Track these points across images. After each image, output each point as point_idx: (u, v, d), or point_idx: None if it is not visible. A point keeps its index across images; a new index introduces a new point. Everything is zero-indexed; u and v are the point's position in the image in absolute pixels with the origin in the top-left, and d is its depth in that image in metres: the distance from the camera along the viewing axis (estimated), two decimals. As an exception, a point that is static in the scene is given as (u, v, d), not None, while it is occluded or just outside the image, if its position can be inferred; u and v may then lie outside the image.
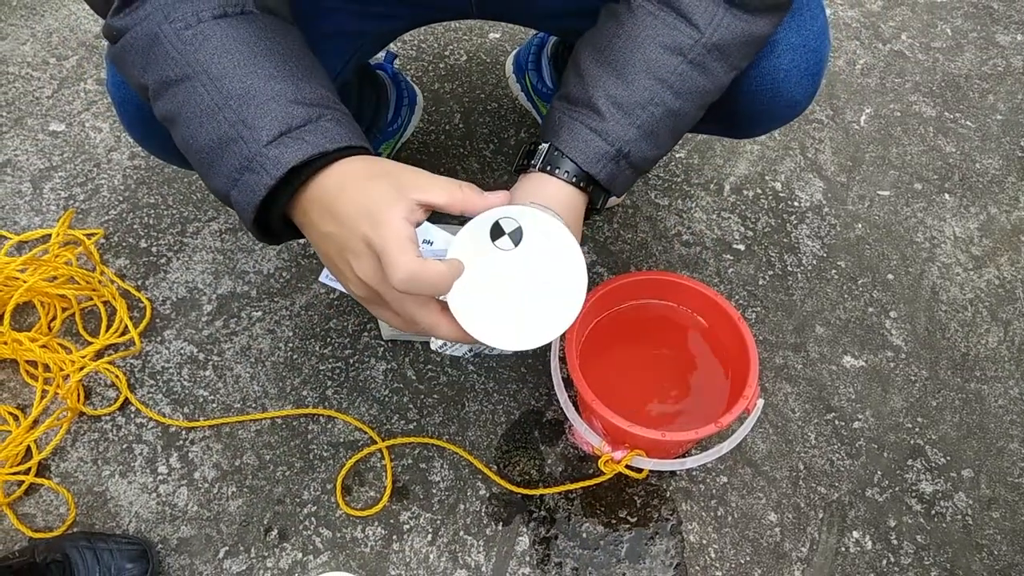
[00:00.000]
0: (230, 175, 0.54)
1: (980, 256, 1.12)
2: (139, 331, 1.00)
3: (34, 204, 1.12)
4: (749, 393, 0.80)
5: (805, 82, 0.73)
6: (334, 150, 0.54)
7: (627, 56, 0.62)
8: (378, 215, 0.51)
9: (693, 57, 0.62)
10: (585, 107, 0.63)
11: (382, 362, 0.99)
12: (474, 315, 0.55)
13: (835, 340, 1.04)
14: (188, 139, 0.56)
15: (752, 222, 1.14)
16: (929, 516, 0.91)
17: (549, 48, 1.13)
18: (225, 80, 0.54)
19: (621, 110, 0.62)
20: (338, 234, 0.53)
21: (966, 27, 1.41)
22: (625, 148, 0.63)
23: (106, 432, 0.94)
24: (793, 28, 0.70)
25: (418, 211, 0.53)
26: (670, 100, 0.63)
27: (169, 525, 0.88)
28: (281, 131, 0.53)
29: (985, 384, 1.01)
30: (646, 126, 0.63)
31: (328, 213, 0.53)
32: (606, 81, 0.62)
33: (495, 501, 0.90)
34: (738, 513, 0.91)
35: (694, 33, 0.62)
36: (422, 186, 0.53)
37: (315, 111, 0.55)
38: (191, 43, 0.54)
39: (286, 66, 0.56)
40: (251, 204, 0.54)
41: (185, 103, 0.55)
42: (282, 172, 0.52)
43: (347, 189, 0.53)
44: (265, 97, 0.54)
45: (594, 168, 0.63)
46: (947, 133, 1.26)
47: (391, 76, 1.12)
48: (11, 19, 1.33)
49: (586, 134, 0.62)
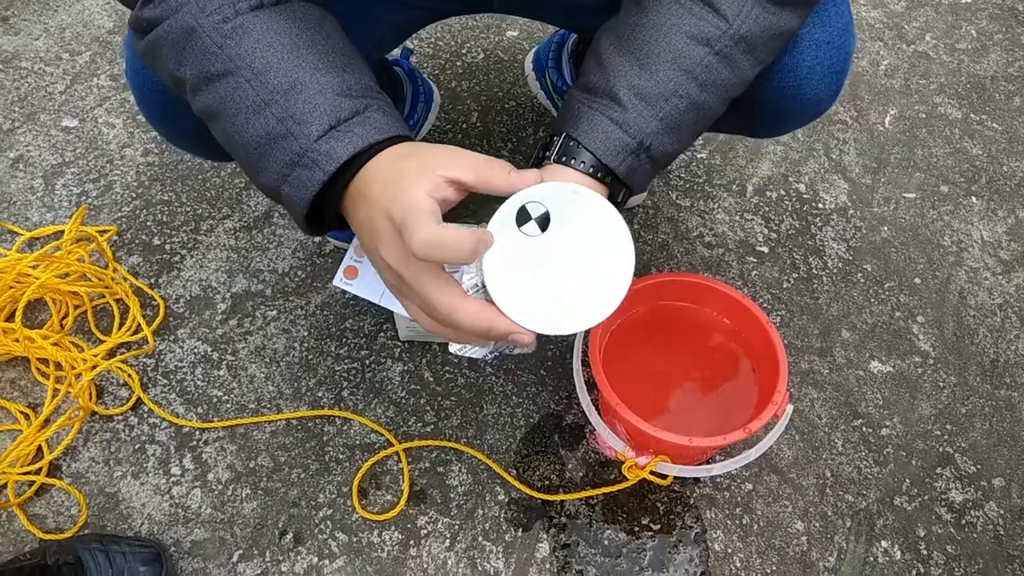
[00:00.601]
0: (280, 171, 0.53)
1: (1009, 260, 1.10)
2: (152, 329, 0.98)
3: (46, 200, 1.10)
4: (779, 398, 0.78)
5: (829, 79, 0.71)
6: (383, 140, 0.53)
7: (651, 45, 0.60)
8: (400, 191, 0.50)
9: (720, 48, 0.60)
10: (606, 97, 0.60)
11: (399, 363, 0.97)
12: (509, 294, 0.53)
13: (861, 345, 1.01)
14: (233, 134, 0.55)
15: (776, 224, 1.12)
16: (959, 526, 0.89)
17: (570, 46, 1.11)
18: (270, 74, 0.53)
19: (644, 101, 0.59)
20: (367, 218, 0.52)
21: (991, 28, 1.39)
22: (647, 141, 0.60)
23: (118, 432, 0.92)
24: (817, 24, 0.68)
25: (445, 187, 0.50)
26: (695, 92, 0.60)
27: (182, 527, 0.86)
28: (331, 125, 0.52)
29: (1015, 391, 0.99)
30: (669, 119, 0.60)
31: (363, 198, 0.52)
32: (629, 71, 0.60)
33: (514, 506, 0.88)
34: (764, 521, 0.88)
35: (722, 24, 0.60)
36: (449, 162, 0.51)
37: (361, 103, 0.54)
38: (231, 36, 0.53)
39: (328, 57, 0.55)
40: (304, 199, 0.53)
41: (229, 98, 0.54)
42: (335, 166, 0.52)
43: (380, 173, 0.52)
44: (312, 91, 0.53)
45: (613, 160, 0.60)
46: (973, 135, 1.24)
47: (407, 72, 1.11)
48: (24, 14, 1.32)
49: (606, 125, 0.60)
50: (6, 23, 1.31)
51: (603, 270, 0.54)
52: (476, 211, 0.99)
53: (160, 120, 0.73)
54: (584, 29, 0.93)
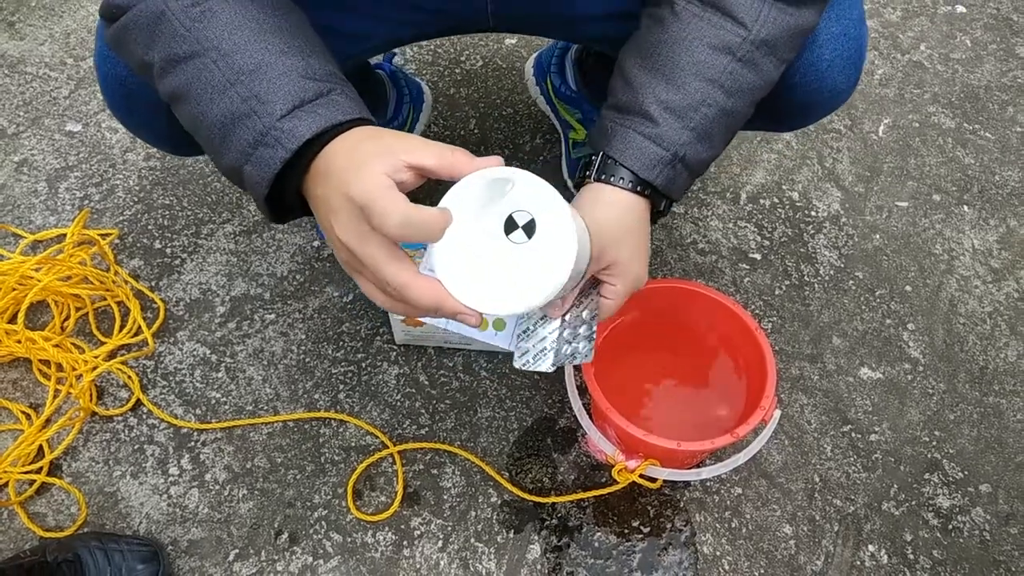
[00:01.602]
0: (243, 150, 0.54)
1: (999, 269, 1.11)
2: (152, 332, 1.00)
3: (50, 204, 1.12)
4: (766, 404, 0.79)
5: (848, 70, 0.73)
6: (346, 122, 0.53)
7: (675, 59, 0.62)
8: (358, 170, 0.50)
9: (742, 55, 0.62)
10: (637, 114, 0.63)
11: (395, 366, 0.99)
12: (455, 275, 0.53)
13: (852, 352, 1.03)
14: (198, 115, 0.55)
15: (769, 231, 1.13)
16: (946, 531, 0.90)
17: (573, 51, 1.12)
18: (236, 56, 0.54)
19: (674, 114, 0.62)
20: (325, 195, 0.52)
21: (985, 39, 1.40)
22: (681, 152, 0.63)
23: (118, 432, 0.94)
24: (832, 18, 0.70)
25: (404, 171, 0.50)
26: (722, 100, 0.63)
27: (180, 527, 0.87)
28: (294, 105, 0.53)
29: (1004, 398, 1.00)
30: (700, 128, 0.63)
31: (322, 176, 0.53)
32: (656, 86, 0.62)
33: (507, 508, 0.90)
34: (752, 525, 0.90)
35: (741, 31, 0.62)
36: (411, 148, 0.51)
37: (325, 85, 0.55)
38: (199, 20, 0.54)
39: (294, 42, 0.56)
40: (265, 178, 0.53)
41: (195, 79, 0.55)
42: (297, 144, 0.52)
43: (340, 152, 0.52)
44: (276, 72, 0.54)
45: (651, 174, 0.62)
46: (966, 144, 1.25)
47: (389, 75, 1.12)
48: (30, 19, 1.34)
49: (640, 141, 0.62)
50: (12, 28, 1.33)
51: (547, 253, 0.53)
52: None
53: (122, 109, 0.74)
54: (585, 40, 0.95)
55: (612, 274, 0.65)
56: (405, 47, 1.32)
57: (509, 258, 0.53)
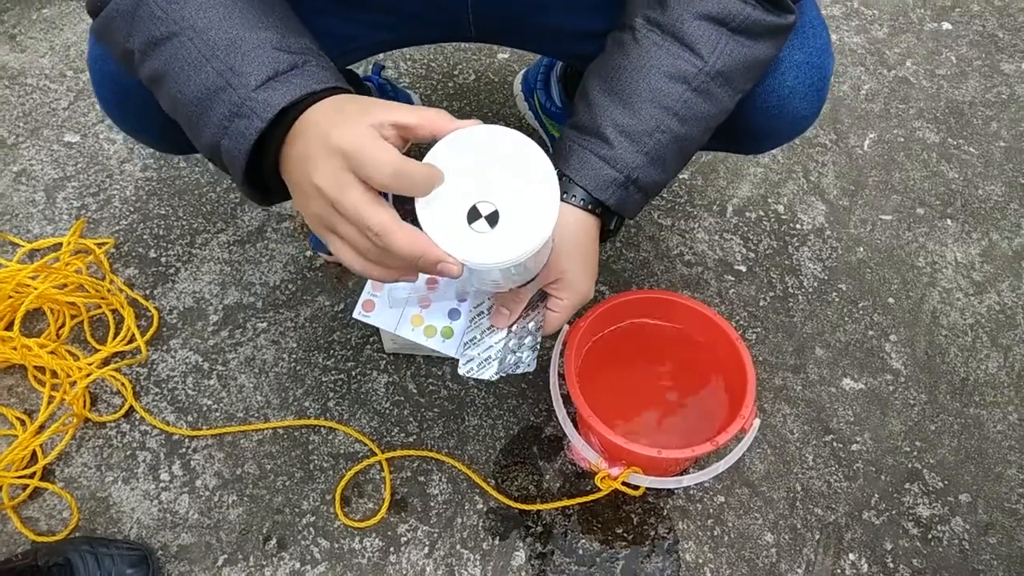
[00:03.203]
0: (220, 123, 0.54)
1: (981, 282, 1.13)
2: (146, 339, 1.01)
3: (47, 213, 1.14)
4: (746, 412, 0.81)
5: (811, 98, 0.74)
6: (321, 90, 0.54)
7: (633, 86, 0.64)
8: (342, 123, 0.50)
9: (697, 85, 0.64)
10: (594, 135, 0.65)
11: (384, 375, 1.00)
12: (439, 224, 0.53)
13: (835, 362, 1.04)
14: (176, 94, 0.56)
15: (754, 244, 1.15)
16: (926, 540, 0.91)
17: (558, 68, 1.15)
18: (211, 32, 0.55)
19: (628, 138, 0.64)
20: (301, 151, 0.52)
21: (971, 55, 1.42)
22: (634, 174, 0.65)
23: (111, 438, 0.95)
24: (796, 46, 0.72)
25: (388, 128, 0.51)
26: (676, 127, 0.65)
27: (170, 532, 0.89)
28: (268, 76, 0.53)
29: (984, 409, 1.01)
30: (653, 152, 0.65)
31: (299, 136, 0.53)
32: (613, 110, 0.64)
33: (492, 516, 0.91)
34: (734, 533, 0.91)
35: (698, 62, 0.64)
36: (391, 107, 0.52)
37: (300, 57, 0.55)
38: (175, 1, 0.55)
39: (269, 18, 0.57)
40: (242, 150, 0.54)
41: (172, 59, 0.55)
42: (272, 113, 0.52)
43: (318, 116, 0.53)
44: (251, 45, 0.54)
45: (603, 194, 0.65)
46: (950, 159, 1.27)
47: (377, 87, 1.14)
48: (31, 32, 1.36)
49: (595, 162, 0.64)
50: (13, 41, 1.35)
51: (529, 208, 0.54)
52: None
53: (115, 108, 0.75)
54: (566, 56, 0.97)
55: (559, 288, 0.67)
56: (399, 61, 1.34)
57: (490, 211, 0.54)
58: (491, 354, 0.70)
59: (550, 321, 0.68)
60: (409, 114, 0.52)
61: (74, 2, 1.40)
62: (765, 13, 0.64)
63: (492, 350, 0.70)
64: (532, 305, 0.71)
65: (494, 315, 0.72)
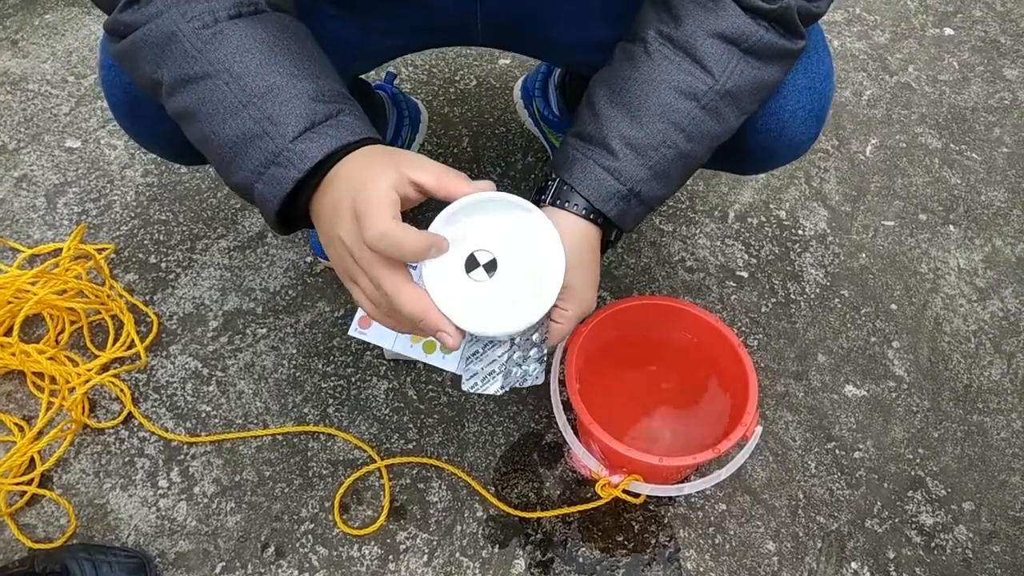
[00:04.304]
0: (255, 169, 0.56)
1: (984, 288, 1.12)
2: (145, 345, 1.01)
3: (48, 218, 1.14)
4: (747, 420, 0.80)
5: (810, 123, 0.74)
6: (355, 142, 0.56)
7: (642, 99, 0.64)
8: (365, 180, 0.53)
9: (706, 103, 0.64)
10: (599, 146, 0.64)
11: (384, 381, 1.00)
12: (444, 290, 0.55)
13: (837, 369, 1.03)
14: (209, 134, 0.57)
15: (756, 250, 1.14)
16: (929, 548, 0.91)
17: (556, 77, 1.14)
18: (248, 78, 0.56)
19: (634, 151, 0.64)
20: (332, 202, 0.55)
21: (973, 60, 1.42)
22: (637, 188, 0.64)
23: (109, 445, 0.95)
24: (800, 70, 0.71)
25: (407, 185, 0.53)
26: (682, 143, 0.64)
27: (167, 539, 0.88)
28: (306, 127, 0.55)
29: (987, 416, 1.00)
30: (658, 167, 0.64)
31: (331, 186, 0.56)
32: (620, 122, 0.64)
33: (492, 523, 0.90)
34: (736, 541, 0.90)
35: (708, 80, 0.63)
36: (414, 164, 0.54)
37: (334, 107, 0.57)
38: (210, 42, 0.56)
39: (304, 64, 0.58)
40: (278, 196, 0.56)
41: (206, 100, 0.56)
42: (309, 165, 0.55)
43: (349, 167, 0.55)
44: (288, 95, 0.56)
45: (605, 206, 0.64)
46: (952, 165, 1.26)
47: (391, 96, 1.14)
48: (33, 38, 1.37)
49: (599, 172, 0.64)
50: (15, 46, 1.35)
51: (534, 283, 0.57)
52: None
53: (126, 116, 0.75)
54: (567, 64, 0.97)
55: (563, 298, 0.65)
56: (400, 67, 1.34)
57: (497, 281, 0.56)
58: (494, 368, 0.69)
59: (554, 332, 0.67)
60: (429, 174, 0.54)
61: (76, 8, 1.41)
62: (777, 37, 0.63)
63: (495, 364, 0.69)
64: None
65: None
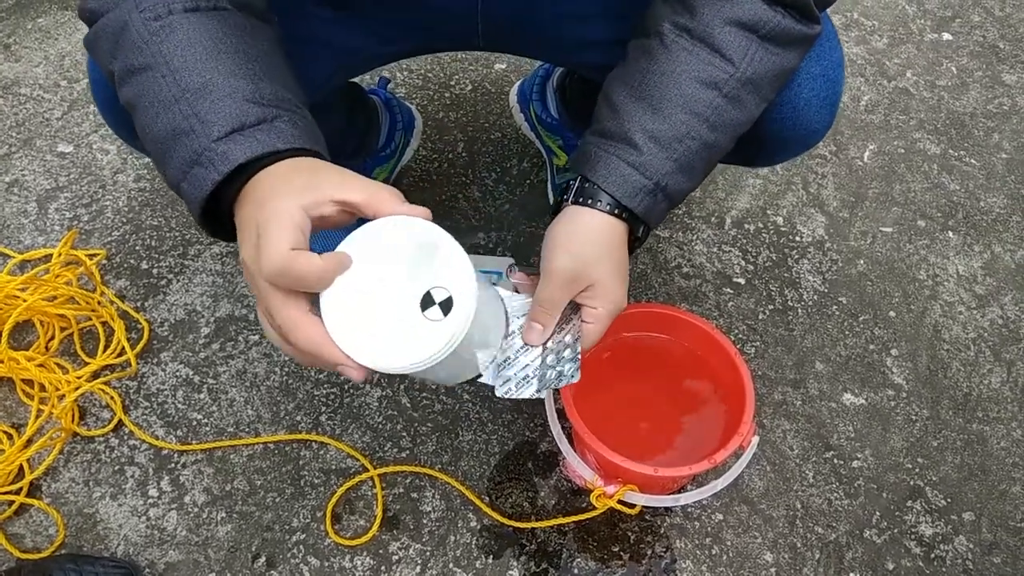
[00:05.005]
0: (181, 167, 0.53)
1: (984, 295, 1.11)
2: (136, 352, 1.00)
3: (39, 224, 1.13)
4: (744, 430, 0.79)
5: (824, 111, 0.74)
6: (284, 149, 0.53)
7: (663, 91, 0.63)
8: (275, 198, 0.49)
9: (728, 91, 0.63)
10: (621, 141, 0.63)
11: (377, 389, 0.99)
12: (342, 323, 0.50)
13: (835, 377, 1.02)
14: (145, 127, 0.56)
15: (753, 256, 1.13)
16: (928, 560, 0.90)
17: (555, 79, 1.13)
18: (184, 72, 0.54)
19: (658, 144, 0.62)
20: (243, 218, 0.52)
21: (972, 66, 1.41)
22: (663, 181, 0.63)
23: (99, 453, 0.94)
24: (813, 58, 0.71)
25: (327, 206, 0.50)
26: (705, 133, 0.63)
27: (157, 549, 0.87)
28: (233, 128, 0.52)
29: (987, 425, 0.99)
30: (683, 159, 0.63)
31: (247, 199, 0.52)
32: (642, 116, 0.63)
33: (486, 533, 0.89)
34: (733, 552, 0.89)
35: (729, 68, 0.62)
36: (342, 183, 0.50)
37: (271, 111, 0.54)
38: (157, 34, 0.55)
39: (248, 65, 0.56)
40: (198, 198, 0.53)
41: (145, 92, 0.55)
42: (229, 168, 0.51)
43: (269, 179, 0.52)
44: (221, 93, 0.54)
45: (632, 201, 0.63)
46: (951, 171, 1.25)
47: (384, 101, 1.13)
48: (26, 42, 1.36)
49: (623, 168, 0.63)
50: (8, 50, 1.34)
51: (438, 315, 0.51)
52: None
53: (112, 115, 0.74)
54: (570, 64, 0.96)
55: (592, 296, 0.65)
56: (395, 71, 1.33)
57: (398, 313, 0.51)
58: (528, 373, 0.66)
59: (588, 334, 0.66)
60: (357, 192, 0.50)
61: (69, 12, 1.40)
62: (794, 22, 0.63)
63: (529, 368, 0.66)
64: (566, 318, 0.68)
65: (527, 332, 0.68)
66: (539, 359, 0.67)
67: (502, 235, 1.12)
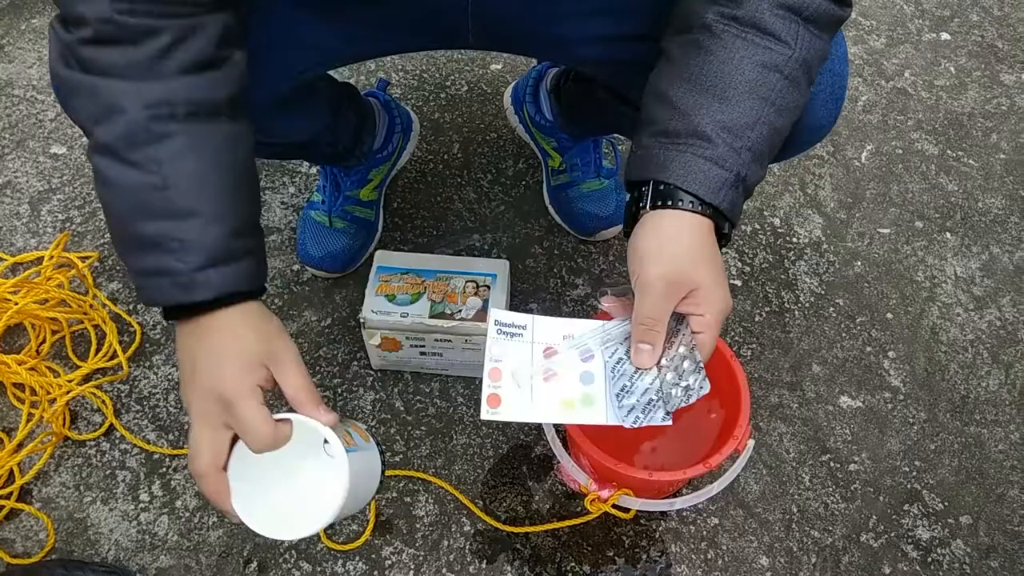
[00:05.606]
0: (146, 268, 0.58)
1: (981, 297, 1.11)
2: (128, 356, 0.99)
3: (31, 226, 1.12)
4: (739, 433, 0.78)
5: (830, 105, 0.73)
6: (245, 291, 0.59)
7: (726, 80, 0.61)
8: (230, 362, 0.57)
9: (788, 73, 0.61)
10: (692, 136, 0.60)
11: (371, 392, 0.98)
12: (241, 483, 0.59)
13: (832, 379, 1.02)
14: (122, 216, 0.58)
15: (749, 257, 1.13)
16: (925, 564, 0.89)
17: (548, 81, 1.13)
18: (175, 191, 0.57)
19: (731, 133, 0.60)
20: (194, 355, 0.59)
21: (970, 66, 1.40)
22: (743, 172, 0.60)
23: (90, 457, 0.93)
24: None
25: (268, 380, 0.58)
26: (774, 118, 0.61)
27: (148, 554, 0.87)
28: (212, 262, 0.57)
29: (985, 428, 0.99)
30: (756, 147, 0.61)
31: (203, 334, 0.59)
32: (710, 107, 0.60)
33: (480, 538, 0.89)
34: (729, 556, 0.88)
35: (786, 50, 0.61)
36: (284, 368, 0.59)
37: (248, 242, 0.60)
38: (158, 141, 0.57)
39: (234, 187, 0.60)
40: (153, 300, 0.59)
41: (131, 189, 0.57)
42: (202, 298, 0.57)
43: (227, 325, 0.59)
44: (207, 220, 0.58)
45: (716, 197, 0.59)
46: (949, 171, 1.25)
47: (383, 103, 1.13)
48: (19, 42, 1.35)
49: (701, 164, 0.59)
50: (1, 51, 1.33)
51: (319, 499, 0.59)
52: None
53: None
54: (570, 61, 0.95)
55: (696, 302, 0.61)
56: (391, 72, 1.32)
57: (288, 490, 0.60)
58: (651, 396, 0.64)
59: (703, 344, 0.62)
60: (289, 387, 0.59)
61: (63, 13, 1.39)
62: (831, 4, 0.62)
63: (651, 391, 0.64)
64: (672, 331, 0.64)
65: (636, 356, 0.65)
66: (657, 380, 0.64)
67: (497, 236, 1.11)
